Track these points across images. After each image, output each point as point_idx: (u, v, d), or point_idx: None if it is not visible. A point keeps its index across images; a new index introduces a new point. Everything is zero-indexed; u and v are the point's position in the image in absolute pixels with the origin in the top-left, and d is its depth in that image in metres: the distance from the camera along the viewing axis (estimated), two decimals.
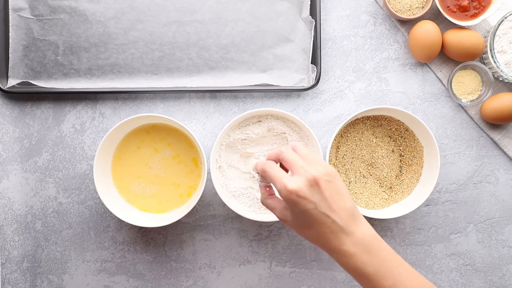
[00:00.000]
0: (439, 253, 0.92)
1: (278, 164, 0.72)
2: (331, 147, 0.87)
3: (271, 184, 0.70)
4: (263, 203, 0.72)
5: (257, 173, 0.72)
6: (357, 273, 0.67)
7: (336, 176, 0.68)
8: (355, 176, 0.89)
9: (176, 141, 0.88)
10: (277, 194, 0.79)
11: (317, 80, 0.89)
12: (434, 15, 0.91)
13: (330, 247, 0.68)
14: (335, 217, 0.67)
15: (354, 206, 0.68)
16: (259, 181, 0.73)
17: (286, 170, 0.72)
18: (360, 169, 0.89)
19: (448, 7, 0.88)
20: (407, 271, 0.67)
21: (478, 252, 0.92)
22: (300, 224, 0.68)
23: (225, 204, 0.89)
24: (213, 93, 0.91)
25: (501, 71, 0.86)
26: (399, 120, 0.89)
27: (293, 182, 0.66)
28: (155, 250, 0.91)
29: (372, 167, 0.89)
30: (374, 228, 0.91)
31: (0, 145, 0.91)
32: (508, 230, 0.92)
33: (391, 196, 0.89)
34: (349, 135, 0.88)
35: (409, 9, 0.89)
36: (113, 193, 0.87)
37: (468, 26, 0.89)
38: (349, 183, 0.89)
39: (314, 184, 0.66)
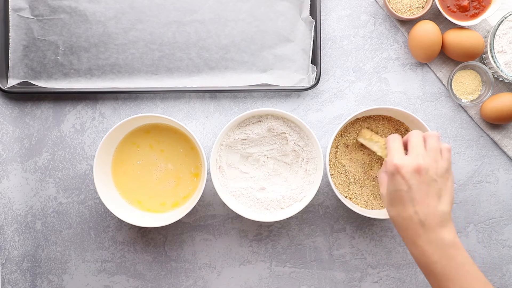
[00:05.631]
0: None
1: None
2: (331, 147, 0.87)
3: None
4: (378, 175, 0.78)
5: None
6: (426, 269, 0.70)
7: (447, 177, 0.71)
8: (355, 176, 0.89)
9: (176, 141, 0.88)
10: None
11: (317, 80, 0.89)
12: (434, 15, 0.91)
13: (405, 235, 0.71)
14: (419, 210, 0.69)
15: (449, 213, 0.70)
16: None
17: None
18: (360, 169, 0.89)
19: (448, 7, 0.88)
20: (479, 282, 0.68)
21: (478, 252, 0.92)
22: (389, 200, 0.72)
23: (225, 204, 0.89)
24: (213, 93, 0.91)
25: (501, 71, 0.86)
26: (399, 120, 0.89)
27: (401, 159, 0.70)
28: (155, 250, 0.91)
29: (372, 167, 0.89)
30: (374, 228, 0.92)
31: (0, 145, 0.91)
32: (508, 230, 0.92)
33: None
34: (349, 135, 0.88)
35: (409, 9, 0.89)
36: (113, 193, 0.87)
37: (468, 26, 0.89)
38: (349, 183, 0.89)
39: (417, 170, 0.69)
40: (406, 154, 0.73)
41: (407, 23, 0.91)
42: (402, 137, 0.89)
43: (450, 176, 0.72)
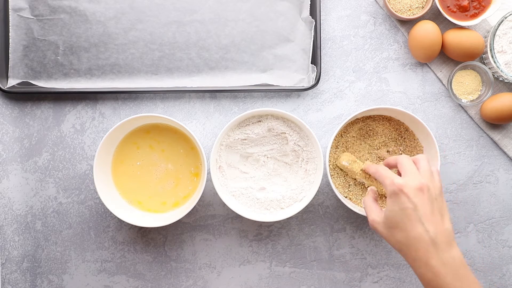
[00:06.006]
0: None
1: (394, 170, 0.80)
2: (331, 147, 0.87)
3: (381, 182, 0.75)
4: (364, 202, 0.78)
5: (366, 175, 0.83)
6: None
7: (443, 197, 0.72)
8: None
9: (176, 141, 0.88)
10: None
11: (317, 80, 0.89)
12: (434, 15, 0.91)
13: (416, 256, 0.69)
14: (429, 227, 0.68)
15: (452, 231, 0.70)
16: (367, 185, 0.84)
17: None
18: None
19: (448, 7, 0.88)
20: None
21: (478, 252, 0.92)
22: (392, 224, 0.70)
23: (225, 204, 0.89)
24: (213, 93, 0.91)
25: (501, 71, 0.86)
26: (399, 120, 0.89)
27: (401, 179, 0.70)
28: (155, 250, 0.91)
29: None
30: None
31: (0, 145, 0.91)
32: (508, 230, 0.92)
33: None
34: (349, 135, 0.88)
35: (409, 9, 0.89)
36: (113, 193, 0.87)
37: (468, 26, 0.89)
38: (349, 184, 0.88)
39: (421, 189, 0.69)
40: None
41: (407, 23, 0.91)
42: (402, 136, 0.89)
43: (443, 197, 0.73)
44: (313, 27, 0.90)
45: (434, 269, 0.67)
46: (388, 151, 0.89)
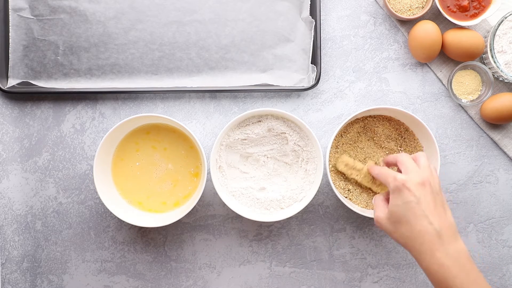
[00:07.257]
0: None
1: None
2: (331, 147, 0.87)
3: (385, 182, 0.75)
4: (374, 199, 0.78)
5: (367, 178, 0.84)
6: (443, 284, 0.68)
7: (443, 195, 0.73)
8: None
9: (176, 141, 0.88)
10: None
11: (317, 80, 0.89)
12: (434, 15, 0.91)
13: (421, 249, 0.69)
14: (433, 220, 0.69)
15: (455, 225, 0.71)
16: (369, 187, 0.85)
17: None
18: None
19: (448, 7, 0.88)
20: None
21: (478, 252, 0.92)
22: (396, 219, 0.71)
23: (225, 204, 0.89)
24: (213, 93, 0.91)
25: (501, 71, 0.86)
26: (399, 120, 0.89)
27: (403, 175, 0.72)
28: (155, 250, 0.91)
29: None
30: (374, 228, 0.92)
31: (0, 145, 0.91)
32: (508, 230, 0.92)
33: None
34: (349, 135, 0.88)
35: (409, 9, 0.89)
36: (113, 193, 0.87)
37: (468, 26, 0.89)
38: (349, 184, 0.88)
39: (423, 183, 0.70)
40: None
41: (407, 23, 0.91)
42: (402, 136, 0.89)
43: (442, 193, 0.73)
44: (313, 27, 0.90)
45: (439, 261, 0.68)
46: (387, 152, 0.89)
